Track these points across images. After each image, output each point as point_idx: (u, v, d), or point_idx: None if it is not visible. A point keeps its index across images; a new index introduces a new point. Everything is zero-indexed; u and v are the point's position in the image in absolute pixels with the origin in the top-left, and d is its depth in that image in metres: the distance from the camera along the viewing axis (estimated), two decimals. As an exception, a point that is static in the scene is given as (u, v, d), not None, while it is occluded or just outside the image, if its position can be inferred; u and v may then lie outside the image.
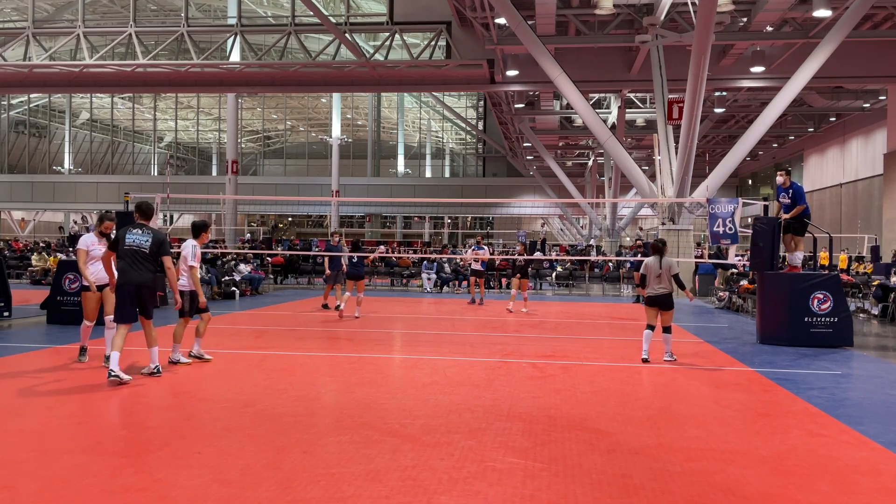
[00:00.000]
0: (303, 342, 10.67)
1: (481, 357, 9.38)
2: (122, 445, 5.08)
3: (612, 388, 7.41)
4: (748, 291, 16.01)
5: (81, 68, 26.90)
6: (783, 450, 5.23)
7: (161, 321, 12.68)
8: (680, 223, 21.61)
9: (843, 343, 10.72)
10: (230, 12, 31.72)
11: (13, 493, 4.08)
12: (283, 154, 62.67)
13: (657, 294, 9.03)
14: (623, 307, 18.06)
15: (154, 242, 7.33)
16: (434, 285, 22.54)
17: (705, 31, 15.98)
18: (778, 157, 47.59)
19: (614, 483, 4.44)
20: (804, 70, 19.66)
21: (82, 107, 59.82)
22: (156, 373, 7.43)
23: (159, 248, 7.34)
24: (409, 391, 7.06)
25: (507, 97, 31.70)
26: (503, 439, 5.34)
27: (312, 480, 4.37)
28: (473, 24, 22.83)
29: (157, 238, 7.35)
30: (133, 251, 7.25)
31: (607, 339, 11.77)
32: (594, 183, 48.22)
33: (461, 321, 13.98)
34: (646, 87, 25.17)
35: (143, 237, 7.32)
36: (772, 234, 11.10)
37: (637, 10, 21.24)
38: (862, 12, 18.73)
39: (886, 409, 6.68)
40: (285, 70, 26.89)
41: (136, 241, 7.29)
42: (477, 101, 56.76)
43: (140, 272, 7.26)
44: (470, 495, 4.17)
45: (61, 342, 9.81)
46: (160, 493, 4.11)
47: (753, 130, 21.22)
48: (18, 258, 26.63)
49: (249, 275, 20.36)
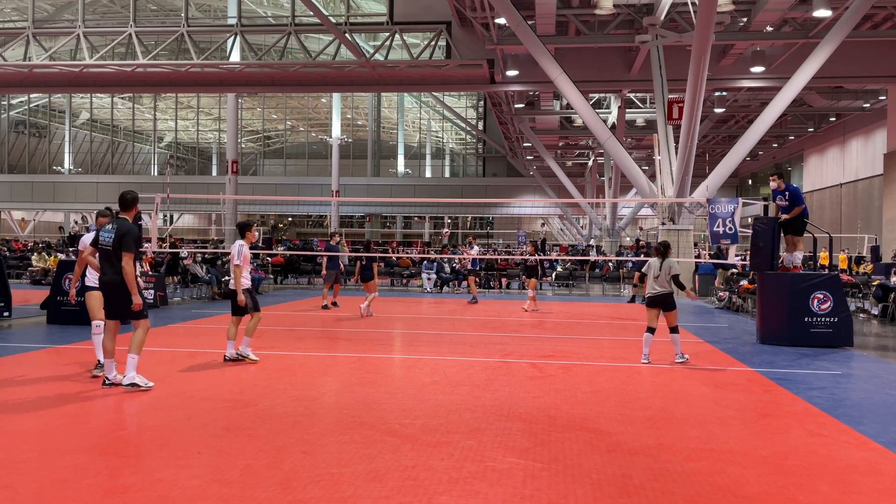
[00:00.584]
0: (303, 342, 10.67)
1: (481, 357, 9.38)
2: (122, 445, 5.08)
3: (612, 388, 7.41)
4: (748, 291, 16.01)
5: (81, 68, 26.89)
6: (783, 450, 5.23)
7: (162, 321, 12.69)
8: (680, 223, 21.60)
9: (843, 343, 10.72)
10: (230, 12, 31.72)
11: (13, 493, 4.08)
12: (283, 154, 62.69)
13: (657, 294, 9.03)
14: (623, 307, 18.06)
15: (115, 238, 6.67)
16: (434, 285, 22.54)
17: (705, 31, 15.98)
18: (778, 157, 47.59)
19: (614, 483, 4.44)
20: (804, 70, 19.65)
21: (82, 107, 59.83)
22: (124, 385, 6.75)
23: (119, 242, 6.64)
24: (409, 391, 7.06)
25: (507, 97, 31.70)
26: (503, 439, 5.34)
27: (312, 480, 4.37)
28: (473, 24, 22.83)
29: (119, 232, 6.66)
30: (103, 250, 6.78)
31: (607, 339, 11.77)
32: (594, 183, 48.22)
33: (461, 321, 13.98)
34: (646, 87, 25.17)
35: (109, 233, 6.73)
36: (772, 233, 11.10)
37: (637, 10, 21.24)
38: (862, 12, 18.72)
39: (886, 409, 6.68)
40: (285, 70, 26.89)
41: (104, 238, 6.78)
42: (477, 101, 56.76)
43: (106, 272, 6.80)
44: (470, 495, 4.17)
45: (61, 342, 9.81)
46: (160, 493, 4.10)
47: (753, 130, 21.22)
48: (18, 258, 26.64)
49: (249, 275, 20.34)
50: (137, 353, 6.77)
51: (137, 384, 6.70)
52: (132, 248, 6.66)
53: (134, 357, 6.74)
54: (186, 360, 8.74)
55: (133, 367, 6.73)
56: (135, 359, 6.74)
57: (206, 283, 18.31)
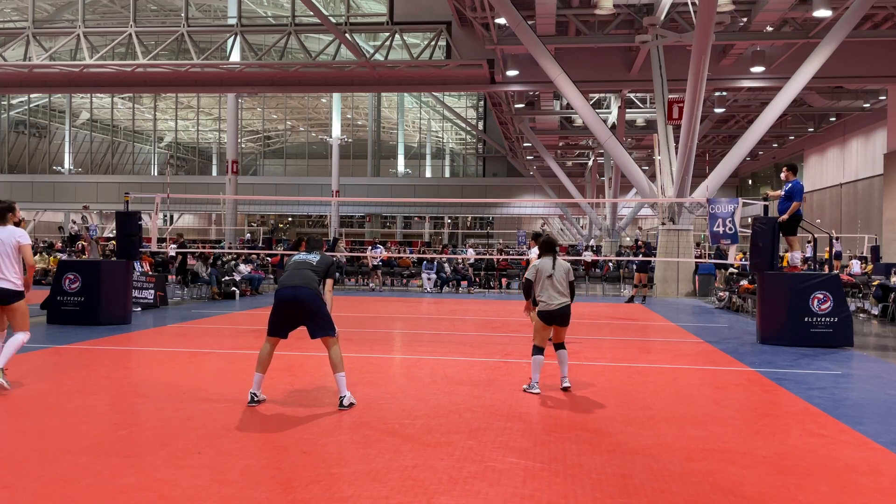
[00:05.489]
0: (302, 342, 10.63)
1: (481, 357, 9.38)
2: (122, 445, 5.08)
3: (612, 388, 7.41)
4: (748, 291, 16.01)
5: (81, 68, 26.89)
6: (783, 450, 5.23)
7: (162, 321, 12.68)
8: (680, 223, 21.61)
9: (843, 343, 10.71)
10: (230, 12, 31.72)
11: (13, 493, 4.08)
12: (283, 154, 62.68)
13: (561, 306, 6.99)
14: (623, 307, 18.05)
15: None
16: (434, 285, 22.55)
17: (705, 31, 15.99)
18: (778, 157, 47.58)
19: (614, 483, 4.44)
20: (804, 70, 19.66)
21: (82, 107, 59.82)
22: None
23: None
24: (409, 391, 7.06)
25: (507, 97, 31.70)
26: (503, 439, 5.34)
27: (312, 480, 4.37)
28: (473, 24, 22.83)
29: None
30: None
31: (607, 339, 11.77)
32: (594, 183, 48.22)
33: (461, 321, 13.99)
34: (646, 87, 25.17)
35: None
36: (772, 233, 11.10)
37: (637, 10, 21.24)
38: (862, 12, 18.73)
39: (886, 409, 6.68)
40: (285, 70, 26.89)
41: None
42: (477, 101, 56.75)
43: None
44: (470, 495, 4.17)
45: (61, 342, 9.80)
46: (160, 493, 4.10)
47: (753, 130, 21.23)
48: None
49: (249, 275, 20.37)
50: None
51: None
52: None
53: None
54: (186, 360, 8.75)
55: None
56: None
57: (206, 283, 18.32)
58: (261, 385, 6.34)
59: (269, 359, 6.34)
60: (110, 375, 7.72)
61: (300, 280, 6.21)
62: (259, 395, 6.33)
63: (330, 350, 6.26)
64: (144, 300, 14.98)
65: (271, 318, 6.33)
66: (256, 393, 6.31)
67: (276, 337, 6.34)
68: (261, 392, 6.37)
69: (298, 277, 6.23)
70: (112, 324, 11.81)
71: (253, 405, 6.24)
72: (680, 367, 8.80)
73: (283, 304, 6.21)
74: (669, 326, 13.75)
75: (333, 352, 6.25)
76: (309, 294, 6.14)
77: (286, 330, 6.34)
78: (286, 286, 6.22)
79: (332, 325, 6.24)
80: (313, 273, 6.31)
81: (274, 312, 6.28)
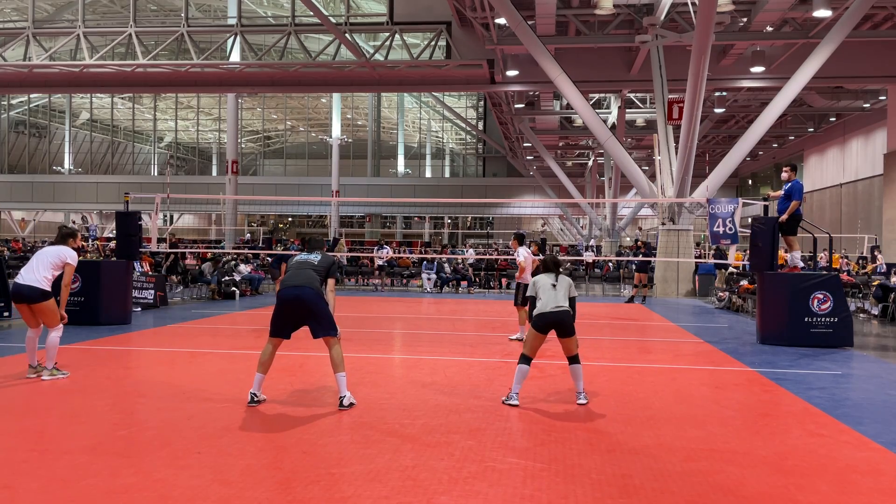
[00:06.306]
0: (302, 342, 10.63)
1: (481, 357, 9.38)
2: (122, 445, 5.08)
3: (612, 388, 7.41)
4: (748, 291, 16.01)
5: (81, 68, 26.89)
6: (783, 450, 5.23)
7: (162, 321, 12.68)
8: (680, 223, 21.60)
9: (843, 343, 10.72)
10: (230, 12, 31.71)
11: (13, 493, 4.08)
12: (283, 154, 62.69)
13: (558, 310, 6.51)
14: (623, 307, 18.05)
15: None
16: (434, 285, 22.54)
17: (705, 31, 15.98)
18: (778, 157, 47.58)
19: (614, 483, 4.44)
20: (804, 70, 19.65)
21: (82, 107, 59.83)
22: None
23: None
24: (409, 391, 7.06)
25: (507, 97, 31.70)
26: (503, 439, 5.34)
27: (312, 480, 4.37)
28: (473, 24, 22.83)
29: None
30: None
31: (607, 339, 11.77)
32: (594, 183, 48.22)
33: (461, 321, 13.99)
34: (646, 87, 25.17)
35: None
36: (771, 233, 11.10)
37: (637, 10, 21.24)
38: (862, 12, 18.72)
39: (886, 409, 6.68)
40: (285, 70, 26.89)
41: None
42: (477, 102, 56.76)
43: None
44: (470, 495, 4.17)
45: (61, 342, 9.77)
46: (160, 493, 4.10)
47: (753, 130, 21.22)
48: (19, 258, 26.61)
49: (249, 275, 20.37)
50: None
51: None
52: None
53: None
54: (186, 360, 8.75)
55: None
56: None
57: (206, 283, 18.32)
58: (261, 385, 6.36)
59: (271, 360, 6.35)
60: (110, 375, 7.73)
61: (302, 280, 6.23)
62: (259, 395, 6.35)
63: (331, 350, 6.27)
64: (144, 300, 14.99)
65: (274, 318, 6.34)
66: (256, 393, 6.33)
67: (278, 337, 6.35)
68: (261, 392, 6.39)
69: (300, 277, 6.25)
70: (112, 324, 11.81)
71: (253, 405, 6.25)
72: (680, 367, 8.80)
73: (285, 304, 6.23)
74: (669, 326, 13.75)
75: (335, 352, 6.26)
76: (311, 294, 6.16)
77: (289, 330, 6.36)
78: (288, 286, 6.24)
79: (333, 325, 6.25)
80: (315, 273, 6.33)
81: (276, 313, 6.31)
